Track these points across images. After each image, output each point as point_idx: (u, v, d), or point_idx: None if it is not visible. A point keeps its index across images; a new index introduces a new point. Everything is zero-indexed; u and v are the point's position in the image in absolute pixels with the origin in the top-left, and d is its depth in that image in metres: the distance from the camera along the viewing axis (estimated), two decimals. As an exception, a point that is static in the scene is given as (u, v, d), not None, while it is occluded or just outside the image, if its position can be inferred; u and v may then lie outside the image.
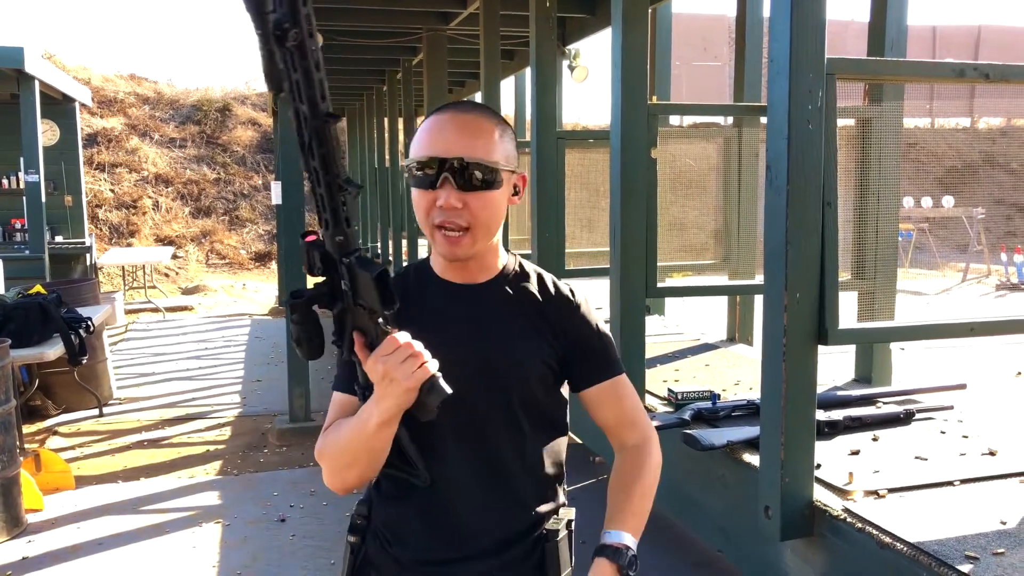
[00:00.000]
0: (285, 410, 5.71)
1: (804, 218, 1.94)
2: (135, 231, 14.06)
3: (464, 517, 1.34)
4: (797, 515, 2.00)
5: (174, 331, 9.61)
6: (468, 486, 1.35)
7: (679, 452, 2.62)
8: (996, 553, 1.68)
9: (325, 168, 1.07)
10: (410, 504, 1.37)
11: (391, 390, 1.18)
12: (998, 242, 13.24)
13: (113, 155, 14.93)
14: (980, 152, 18.19)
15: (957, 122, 20.02)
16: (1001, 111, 19.12)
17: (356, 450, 1.27)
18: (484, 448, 1.35)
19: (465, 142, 1.30)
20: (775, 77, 1.94)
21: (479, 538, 1.35)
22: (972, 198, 14.36)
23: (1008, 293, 11.66)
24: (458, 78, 7.87)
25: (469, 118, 1.34)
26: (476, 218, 1.31)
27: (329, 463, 1.31)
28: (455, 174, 1.29)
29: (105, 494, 4.48)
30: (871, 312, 2.96)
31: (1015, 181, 17.62)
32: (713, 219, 3.90)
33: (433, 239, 1.34)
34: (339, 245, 1.14)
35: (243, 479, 4.76)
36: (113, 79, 16.83)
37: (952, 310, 9.69)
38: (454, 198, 1.29)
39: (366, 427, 1.23)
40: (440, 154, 1.29)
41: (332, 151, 1.06)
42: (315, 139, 1.05)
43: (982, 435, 2.48)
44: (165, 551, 3.78)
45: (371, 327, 1.19)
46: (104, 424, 5.83)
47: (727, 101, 13.52)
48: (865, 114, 2.91)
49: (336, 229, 1.12)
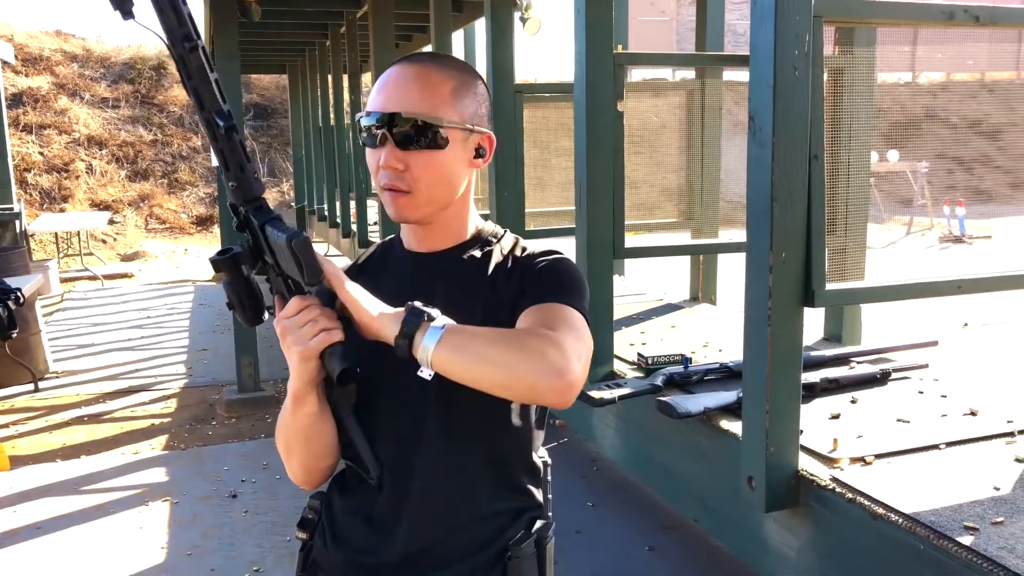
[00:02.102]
0: (233, 380, 5.51)
1: (790, 173, 1.82)
2: (68, 196, 13.49)
3: (413, 522, 1.18)
4: (783, 485, 1.91)
5: (113, 299, 9.25)
6: (420, 488, 1.18)
7: (651, 419, 2.52)
8: (995, 522, 1.61)
9: (200, 103, 0.99)
10: (359, 502, 1.22)
11: (290, 357, 1.08)
12: (941, 196, 13.47)
13: (40, 116, 14.26)
14: (922, 107, 18.42)
15: (899, 77, 20.24)
16: (943, 66, 19.36)
17: (285, 434, 1.20)
18: (435, 444, 1.18)
19: (408, 96, 1.16)
20: (760, 20, 1.80)
21: (429, 547, 1.18)
22: (916, 152, 14.55)
23: (951, 245, 11.89)
24: (405, 32, 7.59)
25: (418, 69, 1.18)
26: (416, 180, 1.16)
27: (280, 452, 1.25)
28: (391, 131, 1.15)
29: (43, 474, 4.26)
30: (843, 270, 2.88)
31: (956, 135, 17.93)
32: (675, 176, 3.78)
33: (384, 201, 1.20)
34: (233, 192, 1.05)
35: (191, 453, 4.57)
36: (38, 35, 16.01)
37: (905, 265, 9.82)
38: (393, 157, 1.15)
39: (286, 407, 1.17)
40: (380, 108, 1.16)
41: (201, 83, 0.98)
42: (182, 70, 0.97)
43: (960, 394, 2.43)
44: (110, 533, 3.60)
45: (284, 288, 1.10)
46: (40, 400, 5.56)
47: (677, 53, 13.37)
48: (837, 63, 2.80)
49: (228, 173, 1.04)
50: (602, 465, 4.08)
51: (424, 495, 1.18)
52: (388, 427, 1.20)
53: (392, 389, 1.19)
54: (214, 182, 13.76)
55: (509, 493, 1.23)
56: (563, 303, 1.15)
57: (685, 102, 3.71)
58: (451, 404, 1.17)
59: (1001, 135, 18.06)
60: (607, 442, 3.05)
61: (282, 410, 1.19)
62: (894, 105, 18.34)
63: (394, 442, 1.19)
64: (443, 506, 1.19)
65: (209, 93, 0.99)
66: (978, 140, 18.54)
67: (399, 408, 1.19)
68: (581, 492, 3.82)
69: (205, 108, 1.00)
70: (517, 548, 1.20)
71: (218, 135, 1.01)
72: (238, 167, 1.03)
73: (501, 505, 1.22)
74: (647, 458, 2.80)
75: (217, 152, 1.03)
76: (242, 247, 1.11)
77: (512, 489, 1.24)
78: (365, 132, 1.19)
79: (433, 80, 1.18)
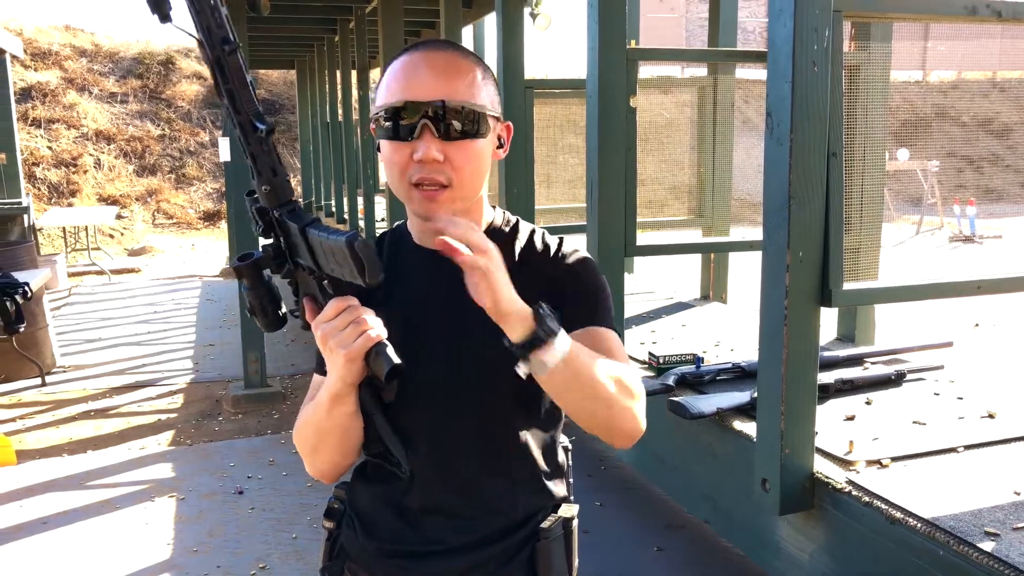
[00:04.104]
0: (240, 375, 5.49)
1: (808, 171, 1.79)
2: (76, 190, 13.49)
3: (442, 511, 1.21)
4: (797, 488, 1.88)
5: (120, 294, 9.26)
6: (448, 480, 1.20)
7: (660, 418, 2.49)
8: (1017, 528, 1.58)
9: (234, 107, 0.96)
10: (388, 492, 1.22)
11: (333, 360, 1.06)
12: (951, 195, 13.39)
13: (49, 110, 14.27)
14: (933, 105, 18.34)
15: (909, 75, 20.13)
16: (953, 64, 19.26)
17: (317, 432, 1.17)
18: (466, 437, 1.20)
19: (445, 84, 1.11)
20: (778, 15, 1.77)
21: (457, 534, 1.20)
22: (926, 151, 14.47)
23: (961, 245, 11.81)
24: (414, 27, 7.56)
25: (446, 55, 1.14)
26: (459, 172, 1.12)
27: (299, 448, 1.23)
28: (436, 121, 1.09)
29: (49, 469, 4.25)
30: (856, 269, 2.85)
31: (966, 134, 17.83)
32: (686, 174, 3.75)
33: (409, 198, 1.15)
34: (267, 196, 1.02)
35: (197, 449, 4.55)
36: (47, 30, 16.01)
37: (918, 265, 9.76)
38: (435, 149, 1.09)
39: (321, 404, 1.13)
40: (417, 98, 1.10)
41: (239, 86, 0.96)
42: (219, 73, 0.95)
43: (977, 396, 2.39)
44: (115, 528, 3.58)
45: (315, 290, 1.07)
46: (47, 394, 5.56)
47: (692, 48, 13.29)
48: (853, 59, 2.76)
49: (260, 178, 1.01)
50: (610, 464, 4.05)
51: (456, 485, 1.20)
52: (421, 420, 1.19)
53: (426, 383, 1.18)
54: (221, 177, 13.75)
55: (538, 480, 1.24)
56: (609, 327, 1.20)
57: (697, 99, 3.67)
58: (487, 397, 1.18)
59: (1012, 134, 17.97)
60: (617, 442, 3.02)
61: (313, 408, 1.17)
62: (904, 104, 18.28)
63: (426, 434, 1.19)
64: (475, 495, 1.20)
65: (246, 96, 0.97)
66: (989, 139, 18.44)
67: (433, 402, 1.19)
68: (589, 491, 3.79)
69: (241, 112, 0.97)
70: (546, 531, 1.21)
71: (252, 139, 0.99)
72: (271, 171, 1.01)
73: (531, 491, 1.23)
74: (657, 458, 2.77)
75: (249, 156, 1.00)
76: (263, 251, 1.08)
77: (540, 475, 1.24)
78: (392, 123, 1.12)
79: (463, 67, 1.14)
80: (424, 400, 1.18)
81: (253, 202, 1.06)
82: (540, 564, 1.21)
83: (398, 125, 1.11)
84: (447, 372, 1.18)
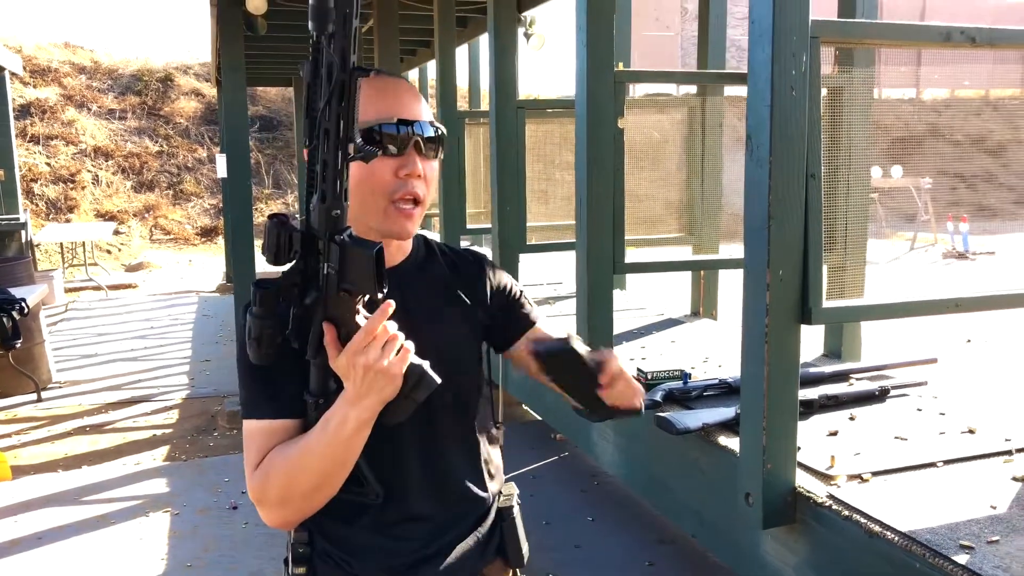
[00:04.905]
0: (235, 391, 5.49)
1: (787, 192, 1.84)
2: (74, 206, 13.54)
3: (422, 519, 1.26)
4: (780, 502, 1.92)
5: (117, 310, 9.28)
6: (422, 487, 1.26)
7: (649, 433, 2.53)
8: (991, 541, 1.61)
9: (340, 129, 0.98)
10: (363, 518, 1.23)
11: (375, 382, 1.04)
12: (944, 212, 13.45)
13: (48, 127, 14.34)
14: (926, 123, 18.42)
15: (903, 93, 20.25)
16: (945, 83, 19.40)
17: (328, 467, 1.10)
18: (435, 445, 1.27)
19: (422, 107, 1.21)
20: (757, 40, 1.82)
21: (440, 534, 1.27)
22: (919, 168, 14.55)
23: (954, 262, 11.87)
24: (410, 46, 7.64)
25: (407, 83, 1.25)
26: (429, 188, 1.21)
27: (284, 495, 1.12)
28: (425, 140, 1.18)
29: (45, 484, 4.26)
30: (841, 287, 2.90)
31: (959, 152, 17.91)
32: (676, 192, 3.80)
33: (384, 215, 1.17)
34: (334, 220, 1.01)
35: (192, 464, 4.57)
36: (47, 47, 16.12)
37: (909, 282, 9.81)
38: (422, 166, 1.18)
39: (340, 434, 1.07)
40: (408, 117, 1.17)
41: (352, 110, 0.98)
42: (337, 94, 0.97)
43: (959, 412, 2.43)
44: (110, 543, 3.60)
45: (349, 316, 1.04)
46: (43, 410, 5.57)
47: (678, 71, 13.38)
48: (836, 82, 2.82)
49: (334, 201, 1.00)
50: (602, 480, 4.08)
51: (442, 487, 1.27)
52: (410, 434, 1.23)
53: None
54: (219, 193, 13.80)
55: (497, 467, 1.37)
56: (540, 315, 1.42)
57: (687, 118, 3.73)
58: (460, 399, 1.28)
59: (1005, 152, 18.07)
60: (606, 456, 3.05)
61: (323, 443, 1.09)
62: (897, 122, 18.41)
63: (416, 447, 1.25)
64: (458, 491, 1.29)
65: (351, 119, 0.98)
66: (982, 157, 18.55)
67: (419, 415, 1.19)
68: (581, 507, 3.82)
69: (343, 134, 0.98)
70: (508, 511, 1.34)
71: (340, 162, 0.99)
72: (345, 195, 1.01)
73: (495, 479, 1.36)
74: (645, 472, 2.80)
75: (330, 179, 0.99)
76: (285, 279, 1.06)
77: (494, 459, 1.37)
78: (381, 139, 1.15)
79: (421, 96, 1.24)
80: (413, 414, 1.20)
81: (282, 227, 1.03)
82: (509, 543, 1.34)
83: (390, 141, 1.15)
84: None
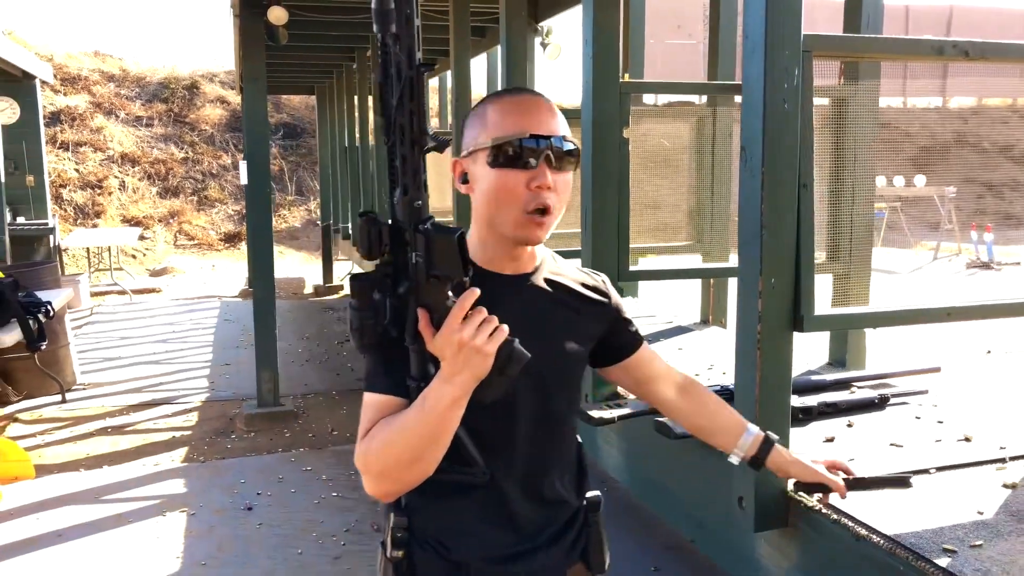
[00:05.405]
0: (253, 395, 5.61)
1: (780, 201, 1.88)
2: (101, 212, 13.79)
3: (520, 514, 1.34)
4: (771, 506, 1.95)
5: (141, 314, 9.44)
6: (523, 485, 1.34)
7: (651, 439, 2.56)
8: (974, 545, 1.64)
9: (413, 124, 1.05)
10: (468, 503, 1.32)
11: (469, 359, 1.10)
12: (968, 220, 13.34)
13: (77, 134, 14.61)
14: (952, 131, 18.28)
15: (929, 101, 20.11)
16: (972, 91, 19.23)
17: (424, 441, 1.15)
18: (538, 447, 1.36)
19: (560, 123, 1.29)
20: (750, 54, 1.87)
21: (536, 531, 1.36)
22: (944, 177, 14.46)
23: (978, 271, 11.76)
24: (427, 55, 7.72)
25: (547, 101, 1.32)
26: (560, 200, 1.29)
27: (384, 465, 1.18)
28: (557, 153, 1.26)
29: (66, 483, 4.38)
30: (845, 295, 2.92)
31: (985, 160, 17.77)
32: (686, 200, 3.83)
33: (517, 224, 1.26)
34: (416, 211, 1.09)
35: (210, 466, 4.67)
36: (77, 56, 16.44)
37: (926, 291, 9.74)
38: (553, 178, 1.26)
39: (436, 409, 1.13)
40: (540, 132, 1.26)
41: (422, 105, 1.05)
42: (408, 91, 1.04)
43: (957, 420, 2.45)
44: (128, 542, 3.69)
45: (440, 301, 1.11)
46: (67, 411, 5.70)
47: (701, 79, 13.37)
48: (840, 94, 2.85)
49: (416, 193, 1.08)
50: (611, 485, 4.11)
51: (539, 485, 1.36)
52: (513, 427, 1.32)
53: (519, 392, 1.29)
54: (242, 199, 13.99)
55: (585, 471, 1.47)
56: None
57: (696, 127, 3.76)
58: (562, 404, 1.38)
59: (1032, 161, 17.88)
60: (611, 461, 3.10)
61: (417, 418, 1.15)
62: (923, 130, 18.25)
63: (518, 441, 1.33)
64: (553, 491, 1.38)
65: (423, 112, 1.06)
66: (1009, 165, 18.37)
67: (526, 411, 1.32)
68: (589, 511, 3.85)
69: (415, 129, 1.06)
70: (595, 517, 1.44)
71: (418, 154, 1.07)
72: (425, 186, 1.09)
73: (586, 482, 1.46)
74: (647, 477, 2.84)
75: (410, 172, 1.07)
76: (377, 271, 1.13)
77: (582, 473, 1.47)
78: (516, 153, 1.23)
79: (559, 111, 1.32)
80: (519, 409, 1.30)
81: (372, 223, 1.09)
82: (593, 549, 1.43)
83: (519, 155, 1.24)
84: (535, 382, 1.30)
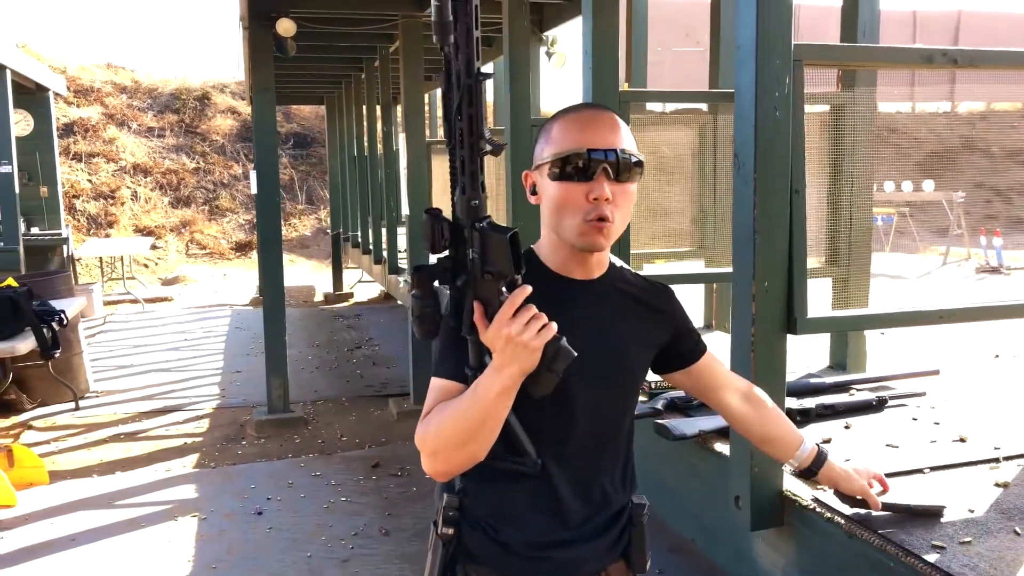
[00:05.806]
0: (264, 401, 5.68)
1: (772, 207, 1.92)
2: (113, 222, 13.92)
3: (569, 504, 1.39)
4: (767, 505, 1.99)
5: (153, 322, 9.54)
6: (574, 477, 1.39)
7: (652, 441, 2.61)
8: (963, 542, 1.68)
9: (471, 128, 1.11)
10: (518, 490, 1.38)
11: (517, 353, 1.16)
12: (978, 225, 13.31)
13: (90, 145, 14.77)
14: (960, 136, 18.26)
15: (938, 107, 20.07)
16: (981, 96, 19.20)
17: (472, 426, 1.22)
18: (594, 439, 1.41)
19: (622, 137, 1.35)
20: (742, 63, 1.92)
21: (581, 522, 1.40)
22: (952, 182, 14.42)
23: (988, 276, 11.73)
24: (435, 65, 7.80)
25: (612, 115, 1.39)
26: (620, 210, 1.34)
27: (437, 445, 1.26)
28: (615, 165, 1.32)
29: (80, 489, 4.45)
30: (845, 299, 2.95)
31: (994, 165, 17.71)
32: (690, 206, 3.88)
33: (579, 232, 1.33)
34: (473, 210, 1.15)
35: (220, 472, 4.73)
36: (90, 68, 16.62)
37: (927, 295, 9.72)
38: (609, 189, 1.31)
39: (485, 397, 1.20)
40: (597, 146, 1.32)
41: (480, 110, 1.11)
42: (466, 97, 1.10)
43: (953, 421, 2.48)
44: (140, 546, 3.75)
45: (494, 296, 1.18)
46: (80, 418, 5.79)
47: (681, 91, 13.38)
48: (837, 100, 2.89)
49: (473, 192, 1.15)
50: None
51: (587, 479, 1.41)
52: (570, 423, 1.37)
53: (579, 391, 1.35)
54: (253, 209, 14.10)
55: (631, 473, 1.52)
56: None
57: (698, 135, 3.81)
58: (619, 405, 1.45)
59: (1042, 165, 17.82)
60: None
61: (471, 403, 1.21)
62: (931, 135, 18.23)
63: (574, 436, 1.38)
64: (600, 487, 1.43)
65: (480, 118, 1.12)
66: (1017, 169, 18.31)
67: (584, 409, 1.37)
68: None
69: (473, 133, 1.12)
70: (640, 515, 1.48)
71: (476, 157, 1.14)
72: (483, 187, 1.16)
73: (629, 483, 1.51)
74: (649, 478, 2.87)
75: (468, 173, 1.13)
76: (438, 263, 1.20)
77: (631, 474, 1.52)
78: (573, 167, 1.31)
79: (622, 125, 1.38)
80: (577, 408, 1.36)
81: (435, 219, 1.17)
82: (635, 549, 1.46)
83: (578, 169, 1.31)
84: (596, 383, 1.37)
